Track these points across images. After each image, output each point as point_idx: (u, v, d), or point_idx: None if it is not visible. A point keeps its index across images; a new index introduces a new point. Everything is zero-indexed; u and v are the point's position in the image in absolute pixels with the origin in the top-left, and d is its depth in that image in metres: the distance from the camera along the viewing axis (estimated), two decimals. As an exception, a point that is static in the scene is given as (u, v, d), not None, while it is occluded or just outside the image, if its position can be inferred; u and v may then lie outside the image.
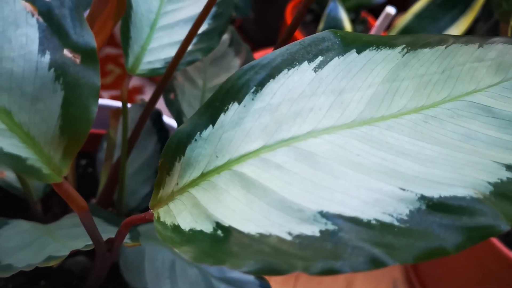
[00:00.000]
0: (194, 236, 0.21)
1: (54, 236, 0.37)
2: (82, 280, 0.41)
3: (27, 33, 0.19)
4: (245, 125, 0.23)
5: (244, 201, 0.21)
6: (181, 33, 0.38)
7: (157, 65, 0.36)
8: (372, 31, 0.52)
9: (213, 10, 0.40)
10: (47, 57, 0.20)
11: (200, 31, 0.39)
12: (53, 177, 0.20)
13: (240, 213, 0.21)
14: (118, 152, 0.44)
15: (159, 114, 0.45)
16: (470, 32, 0.70)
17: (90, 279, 0.35)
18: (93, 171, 0.53)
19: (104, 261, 0.31)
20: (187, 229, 0.21)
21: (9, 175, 0.44)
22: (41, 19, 0.20)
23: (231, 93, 0.23)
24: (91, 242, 0.31)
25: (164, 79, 0.36)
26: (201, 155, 0.24)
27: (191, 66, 0.43)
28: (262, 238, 0.19)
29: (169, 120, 0.50)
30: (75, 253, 0.43)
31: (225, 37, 0.45)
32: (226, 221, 0.21)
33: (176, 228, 0.22)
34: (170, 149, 0.24)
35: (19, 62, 0.19)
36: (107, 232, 0.36)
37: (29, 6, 0.20)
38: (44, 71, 0.20)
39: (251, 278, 0.38)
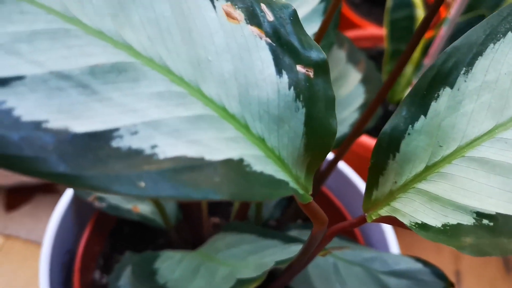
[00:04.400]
0: (455, 230, 0.20)
1: (215, 260, 0.37)
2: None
3: (261, 57, 0.19)
4: (465, 108, 0.22)
5: (498, 185, 0.20)
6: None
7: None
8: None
9: (322, 5, 0.40)
10: (284, 77, 0.19)
11: (317, 28, 0.38)
12: (306, 197, 0.20)
13: (501, 198, 0.20)
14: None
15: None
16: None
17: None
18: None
19: (293, 274, 0.30)
20: (438, 225, 0.21)
21: (142, 208, 0.44)
22: (269, 40, 0.19)
23: (439, 79, 0.23)
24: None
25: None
26: (418, 147, 0.23)
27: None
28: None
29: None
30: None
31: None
32: (490, 209, 0.20)
33: (423, 226, 0.21)
34: (381, 148, 0.23)
35: (262, 87, 0.19)
36: (275, 246, 0.35)
37: (255, 30, 0.19)
38: (285, 91, 0.19)
39: (419, 266, 0.37)
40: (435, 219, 0.21)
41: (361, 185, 0.49)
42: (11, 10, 0.15)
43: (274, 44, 0.19)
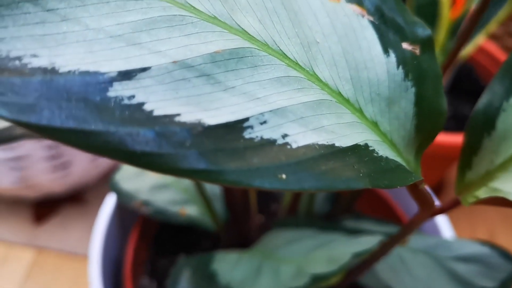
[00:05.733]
0: None
1: (276, 258, 0.36)
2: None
3: (366, 36, 0.18)
4: None
5: None
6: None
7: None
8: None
9: None
10: (392, 56, 0.18)
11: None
12: (418, 182, 0.19)
13: None
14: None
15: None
16: None
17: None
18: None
19: (368, 266, 0.29)
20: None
21: (190, 210, 0.43)
22: (371, 18, 0.18)
23: (534, 50, 0.21)
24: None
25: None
26: (517, 124, 0.22)
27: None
28: None
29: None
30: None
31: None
32: None
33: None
34: (475, 127, 0.22)
35: (371, 68, 0.18)
36: (339, 239, 0.34)
37: (356, 8, 0.18)
38: (394, 71, 0.18)
39: (485, 249, 0.36)
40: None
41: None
42: (124, -2, 0.14)
43: (377, 22, 0.18)
